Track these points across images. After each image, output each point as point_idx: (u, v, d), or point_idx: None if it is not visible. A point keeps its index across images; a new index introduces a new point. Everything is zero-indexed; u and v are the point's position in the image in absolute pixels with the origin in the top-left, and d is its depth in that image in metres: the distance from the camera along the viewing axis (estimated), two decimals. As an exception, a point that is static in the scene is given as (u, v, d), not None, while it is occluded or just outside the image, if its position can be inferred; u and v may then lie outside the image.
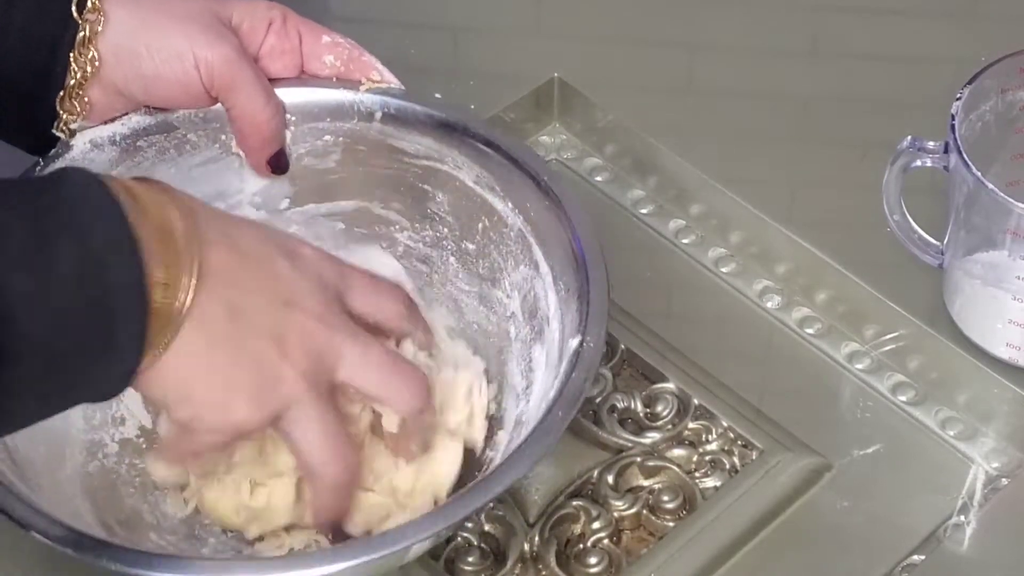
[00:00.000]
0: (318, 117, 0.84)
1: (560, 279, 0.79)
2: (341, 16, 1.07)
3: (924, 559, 0.80)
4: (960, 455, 0.85)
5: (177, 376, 0.68)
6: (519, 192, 0.81)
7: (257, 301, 0.70)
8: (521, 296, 0.82)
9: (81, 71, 0.79)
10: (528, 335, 0.82)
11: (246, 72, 0.80)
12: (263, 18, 0.82)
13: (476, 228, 0.84)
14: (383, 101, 0.84)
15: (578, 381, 0.74)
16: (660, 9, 1.04)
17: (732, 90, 1.00)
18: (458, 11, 1.05)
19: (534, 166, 0.81)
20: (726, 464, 0.84)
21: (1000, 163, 0.85)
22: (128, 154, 0.82)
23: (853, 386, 0.87)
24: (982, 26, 1.03)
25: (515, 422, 0.80)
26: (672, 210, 0.96)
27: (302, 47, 0.84)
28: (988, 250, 0.83)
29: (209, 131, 0.83)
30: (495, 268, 0.84)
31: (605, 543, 0.81)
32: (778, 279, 0.92)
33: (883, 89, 0.99)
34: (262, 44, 0.82)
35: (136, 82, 0.80)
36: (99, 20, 0.78)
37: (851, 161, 0.95)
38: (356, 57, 0.84)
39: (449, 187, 0.84)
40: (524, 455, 0.72)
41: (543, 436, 0.72)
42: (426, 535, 0.70)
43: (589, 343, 0.75)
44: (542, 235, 0.81)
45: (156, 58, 0.79)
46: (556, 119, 1.00)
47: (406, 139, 0.84)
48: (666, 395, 0.86)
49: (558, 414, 0.73)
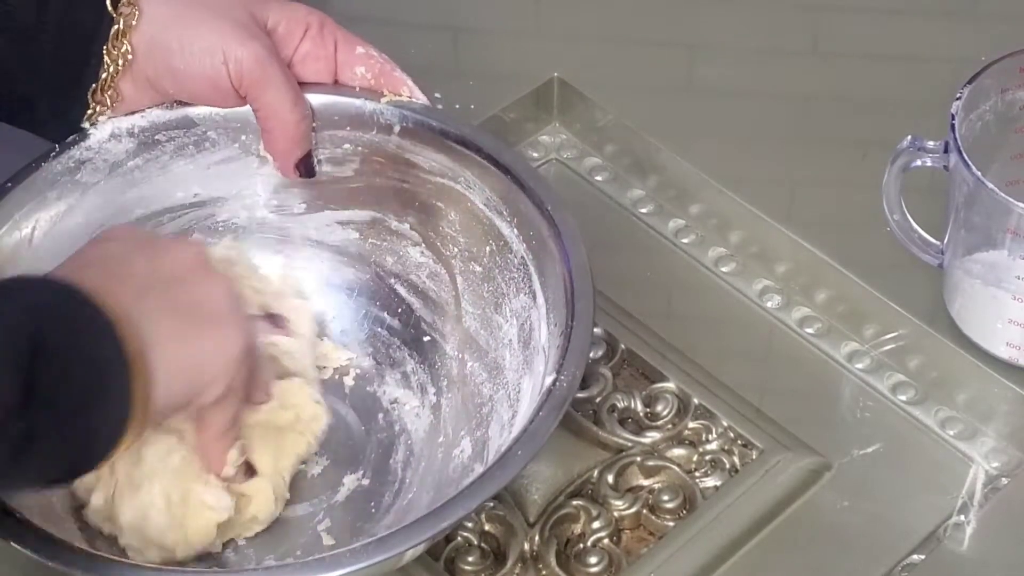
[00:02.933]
0: (338, 125, 0.84)
1: (552, 311, 0.78)
2: (341, 16, 1.06)
3: (924, 559, 0.80)
4: (960, 455, 0.85)
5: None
6: (524, 218, 0.81)
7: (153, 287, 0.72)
8: (519, 324, 0.82)
9: (114, 64, 0.80)
10: (520, 365, 0.81)
11: (275, 72, 0.80)
12: (300, 22, 0.82)
13: (484, 251, 0.84)
14: (402, 115, 0.83)
15: (545, 420, 0.73)
16: (660, 9, 1.04)
17: (732, 90, 1.00)
18: (458, 11, 1.05)
19: (540, 192, 0.81)
20: (726, 464, 0.84)
21: (1000, 163, 0.85)
22: (146, 147, 0.82)
23: (853, 386, 0.87)
24: (982, 26, 1.03)
25: (496, 452, 0.78)
26: (672, 210, 0.96)
27: (336, 55, 0.83)
28: (988, 250, 0.83)
29: (230, 130, 0.83)
30: (498, 293, 0.83)
31: (605, 543, 0.81)
32: (778, 279, 0.92)
33: (883, 89, 0.99)
34: (297, 49, 0.82)
35: (167, 76, 0.80)
36: (133, 14, 0.79)
37: (851, 161, 0.95)
38: (388, 72, 0.84)
39: (461, 207, 0.84)
40: (474, 496, 0.71)
41: (498, 473, 0.72)
42: (415, 542, 0.70)
43: (562, 382, 0.74)
44: (541, 265, 0.80)
45: (186, 52, 0.79)
46: (556, 119, 1.00)
47: (422, 155, 0.84)
48: (666, 395, 0.86)
49: (517, 452, 0.72)
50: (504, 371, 0.82)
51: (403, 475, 0.82)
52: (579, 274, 0.78)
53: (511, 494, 0.82)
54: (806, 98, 1.00)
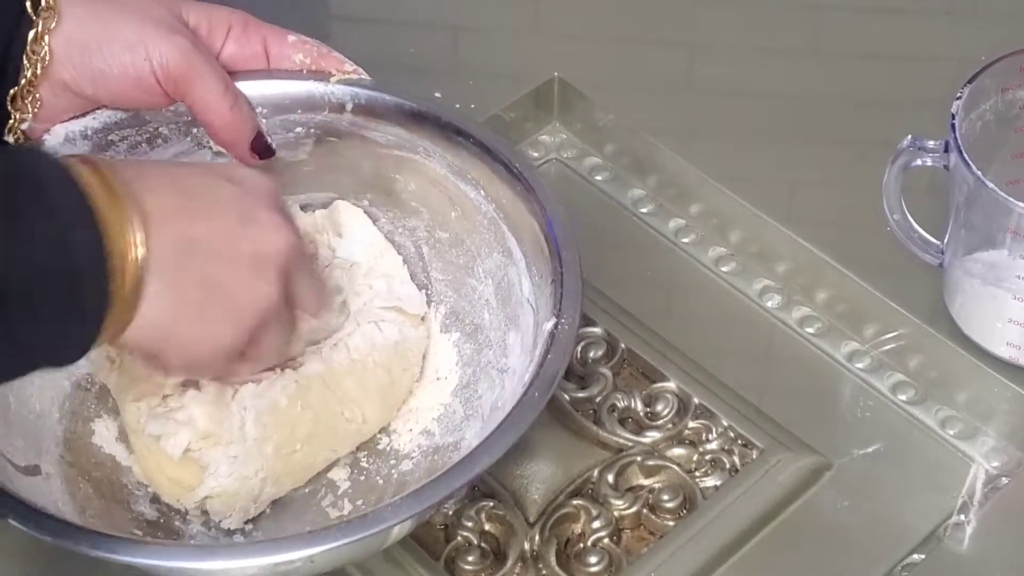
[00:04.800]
0: (289, 109, 0.83)
1: (533, 264, 0.79)
2: (341, 16, 1.07)
3: (924, 558, 0.80)
4: (960, 454, 0.85)
5: (156, 325, 0.70)
6: (491, 180, 0.81)
7: (211, 228, 0.71)
8: (495, 283, 0.83)
9: (32, 68, 0.78)
10: (502, 322, 0.82)
11: (201, 64, 0.78)
12: (222, 23, 0.81)
13: (449, 216, 0.84)
14: (353, 92, 0.83)
15: (554, 362, 0.74)
16: (660, 9, 1.04)
17: (732, 90, 1.00)
18: (458, 11, 1.05)
19: (505, 154, 0.81)
20: (726, 463, 0.84)
21: (1000, 162, 0.85)
22: (101, 148, 0.82)
23: (853, 385, 0.87)
24: (982, 26, 1.03)
25: (491, 407, 0.80)
26: (672, 209, 0.96)
27: (269, 50, 0.82)
28: (988, 249, 0.83)
29: (181, 124, 0.83)
30: (469, 255, 0.84)
31: (605, 542, 0.81)
32: (778, 278, 0.92)
33: (883, 89, 0.99)
34: (221, 50, 0.81)
35: (85, 77, 0.78)
36: (52, 17, 0.77)
37: (851, 160, 0.95)
38: (326, 54, 0.83)
39: (421, 176, 0.84)
40: (501, 437, 0.72)
41: (520, 418, 0.73)
42: (402, 518, 0.70)
43: (564, 325, 0.75)
44: (514, 222, 0.81)
45: (105, 51, 0.77)
46: (556, 118, 1.00)
47: (377, 130, 0.84)
48: (666, 394, 0.86)
49: (534, 395, 0.73)
50: (485, 330, 0.83)
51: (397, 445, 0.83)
52: (559, 224, 0.78)
53: (511, 494, 0.82)
54: (806, 98, 1.00)
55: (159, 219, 0.69)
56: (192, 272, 0.70)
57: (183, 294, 0.70)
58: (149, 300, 0.69)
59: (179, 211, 0.70)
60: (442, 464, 0.80)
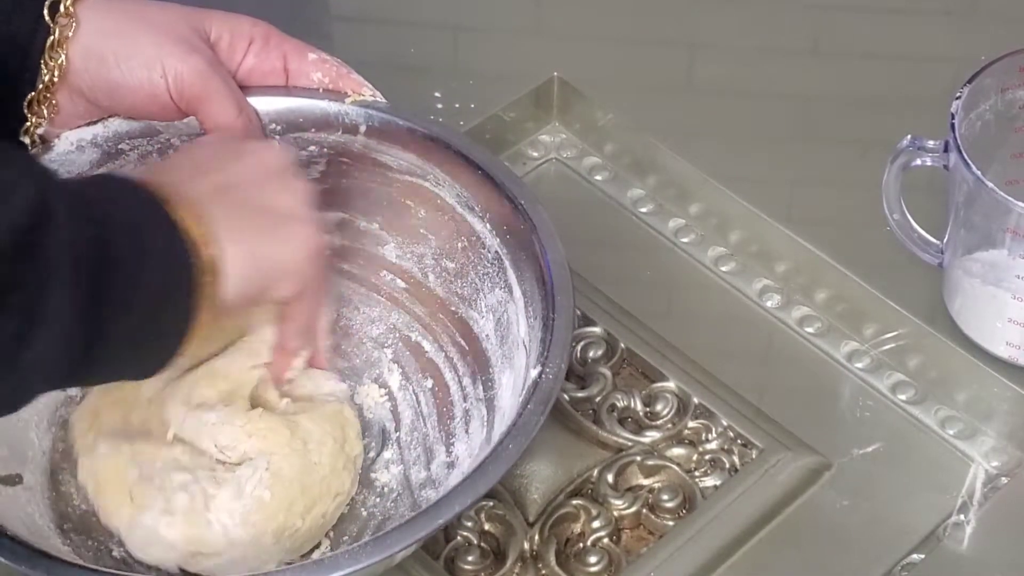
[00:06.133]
0: (303, 127, 0.83)
1: (531, 305, 0.78)
2: (341, 16, 1.07)
3: (924, 558, 0.80)
4: (960, 454, 0.85)
5: (238, 271, 0.71)
6: (497, 214, 0.81)
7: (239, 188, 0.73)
8: (495, 319, 0.81)
9: (50, 74, 0.78)
10: (499, 360, 0.81)
11: (217, 84, 0.79)
12: (244, 35, 0.81)
13: (456, 247, 0.83)
14: (367, 114, 0.83)
15: (532, 414, 0.73)
16: (660, 9, 1.04)
17: (732, 90, 1.00)
18: (458, 11, 1.05)
19: (512, 188, 0.80)
20: (726, 463, 0.84)
21: (1000, 162, 0.85)
22: (110, 157, 0.82)
23: (853, 385, 0.87)
24: (982, 26, 1.03)
25: (479, 445, 0.79)
26: (672, 209, 0.96)
27: (288, 66, 0.82)
28: (988, 249, 0.83)
29: (192, 136, 0.82)
30: (473, 288, 0.83)
31: (605, 542, 0.81)
32: (778, 278, 0.92)
33: (883, 89, 0.99)
34: (241, 63, 0.81)
35: (101, 88, 0.79)
36: (70, 24, 0.78)
37: (851, 160, 0.95)
38: (345, 75, 0.83)
39: (431, 204, 0.84)
40: (464, 494, 0.71)
41: (489, 469, 0.71)
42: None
43: (548, 375, 0.74)
44: (516, 259, 0.80)
45: (123, 66, 0.78)
46: (556, 118, 1.00)
47: (389, 153, 0.83)
48: (666, 394, 0.86)
49: (508, 447, 0.72)
50: (483, 366, 0.82)
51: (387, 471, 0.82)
52: (556, 267, 0.77)
53: (511, 493, 0.82)
54: (806, 98, 1.00)
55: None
56: (238, 213, 0.72)
57: (240, 224, 0.72)
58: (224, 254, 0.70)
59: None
60: (424, 499, 0.79)
